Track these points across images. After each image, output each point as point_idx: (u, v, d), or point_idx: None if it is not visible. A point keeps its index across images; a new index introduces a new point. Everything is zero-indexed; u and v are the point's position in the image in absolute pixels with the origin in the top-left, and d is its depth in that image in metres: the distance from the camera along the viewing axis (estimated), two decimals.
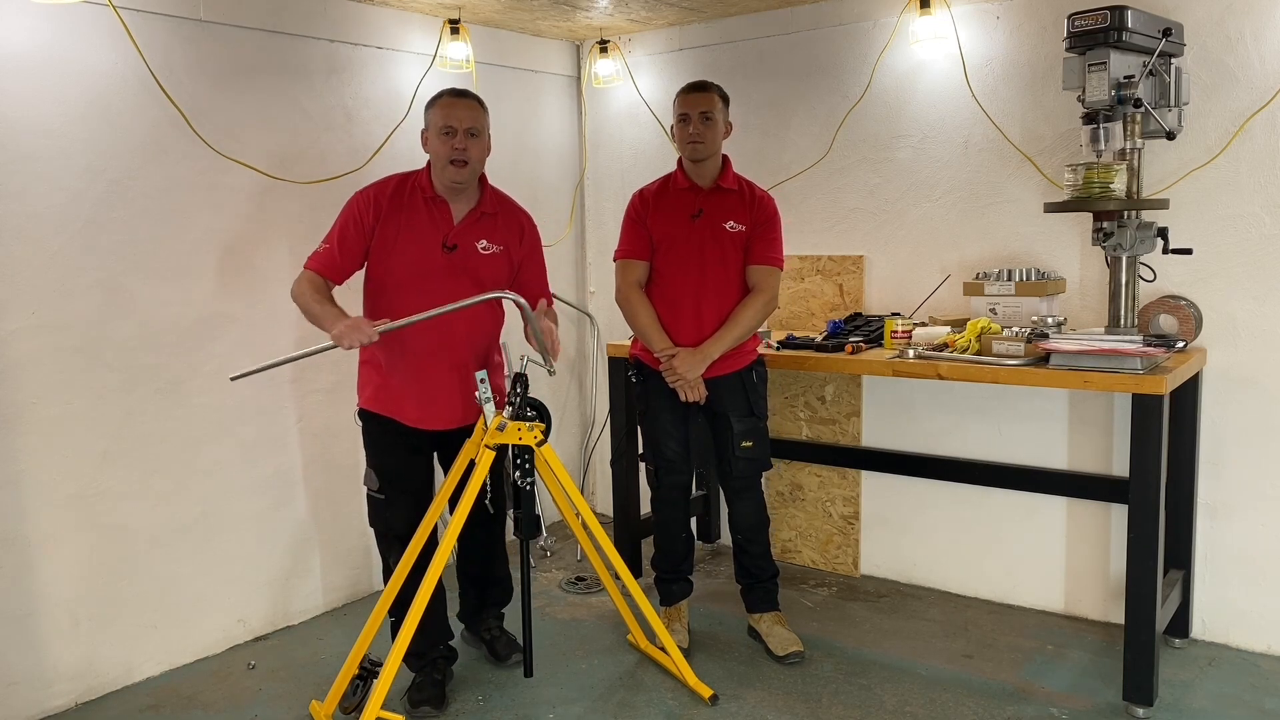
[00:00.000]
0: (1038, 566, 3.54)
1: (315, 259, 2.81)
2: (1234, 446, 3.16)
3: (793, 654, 3.14)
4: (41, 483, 2.87)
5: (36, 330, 2.84)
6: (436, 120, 2.78)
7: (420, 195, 2.83)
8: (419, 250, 2.80)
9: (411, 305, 2.72)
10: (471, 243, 2.84)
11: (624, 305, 3.20)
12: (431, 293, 2.75)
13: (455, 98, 2.82)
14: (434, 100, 2.83)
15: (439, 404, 2.86)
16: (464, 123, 2.76)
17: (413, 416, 2.86)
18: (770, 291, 3.12)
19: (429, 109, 2.83)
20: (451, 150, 2.75)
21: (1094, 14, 2.75)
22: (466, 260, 2.83)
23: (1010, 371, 2.91)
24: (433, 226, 2.82)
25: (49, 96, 2.82)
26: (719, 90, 3.12)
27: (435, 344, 2.81)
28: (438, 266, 2.80)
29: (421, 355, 2.82)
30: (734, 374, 3.13)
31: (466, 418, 2.87)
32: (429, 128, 2.81)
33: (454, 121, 2.75)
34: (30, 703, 2.88)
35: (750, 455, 3.16)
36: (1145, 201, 2.97)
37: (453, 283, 2.80)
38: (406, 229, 2.81)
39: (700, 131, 3.05)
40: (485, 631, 3.20)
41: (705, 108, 3.05)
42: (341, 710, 2.80)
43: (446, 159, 2.76)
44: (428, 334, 2.78)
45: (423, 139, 2.85)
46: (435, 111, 2.80)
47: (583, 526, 2.99)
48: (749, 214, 3.11)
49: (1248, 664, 3.11)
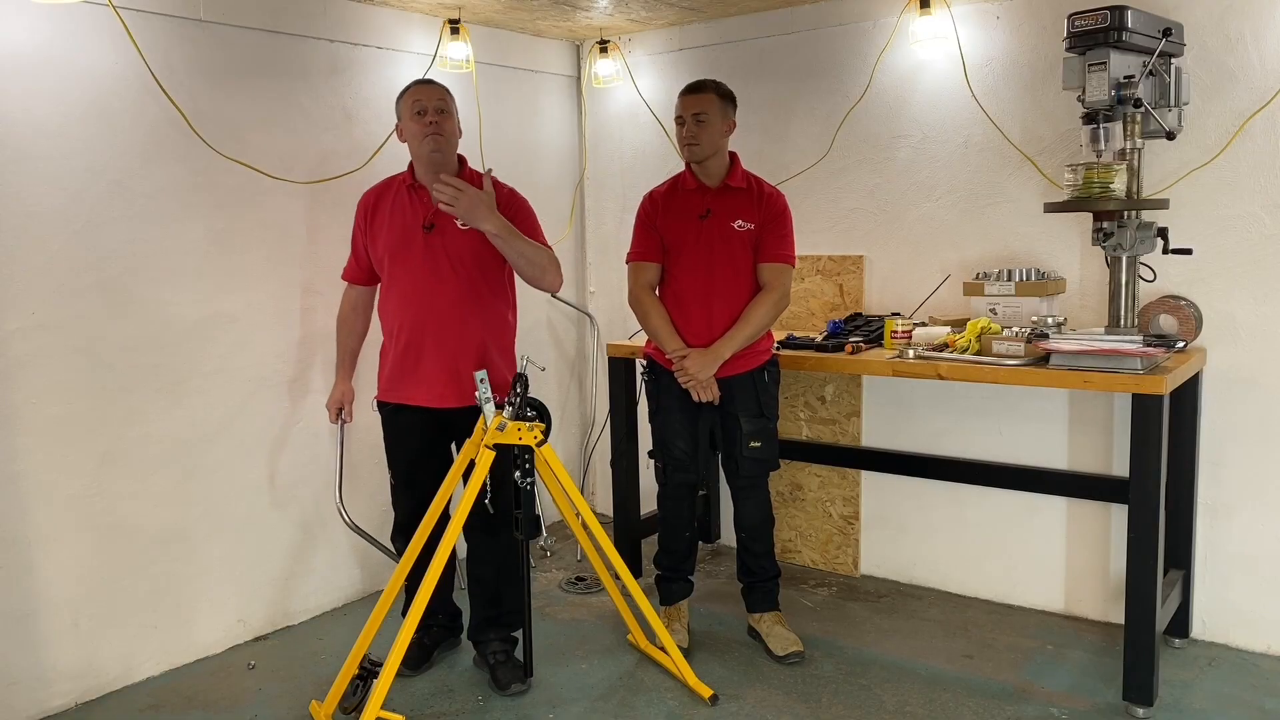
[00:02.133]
0: (1038, 566, 3.54)
1: (346, 270, 3.17)
2: (1234, 446, 3.16)
3: (793, 654, 3.14)
4: (41, 483, 2.87)
5: (36, 330, 2.84)
6: (407, 104, 2.92)
7: (403, 186, 2.99)
8: (400, 232, 2.96)
9: (397, 282, 2.96)
10: (449, 220, 2.92)
11: (636, 307, 3.22)
12: (413, 269, 2.93)
13: (421, 84, 2.98)
14: (402, 92, 2.97)
15: (426, 382, 2.95)
16: (431, 100, 2.90)
17: (405, 394, 2.99)
18: (781, 289, 3.11)
19: (399, 101, 2.97)
20: (425, 125, 2.88)
21: (1094, 14, 2.75)
22: (445, 238, 2.93)
23: (1010, 371, 2.91)
24: (413, 210, 2.96)
25: (49, 96, 2.82)
26: (718, 89, 3.10)
27: (414, 320, 2.94)
28: (418, 245, 2.93)
29: (408, 332, 2.95)
30: (745, 374, 3.13)
31: (461, 399, 2.93)
32: (402, 117, 2.96)
33: (423, 98, 2.90)
34: (30, 703, 2.88)
35: (757, 455, 3.15)
36: (1145, 201, 2.97)
37: (431, 259, 2.93)
38: (390, 216, 2.98)
39: (695, 133, 3.05)
40: (491, 655, 3.08)
41: (698, 109, 3.05)
42: (341, 710, 2.80)
43: (422, 134, 2.88)
44: (406, 313, 2.94)
45: (398, 132, 2.99)
46: (405, 98, 2.94)
47: (583, 526, 2.99)
48: (757, 212, 3.10)
49: (1248, 664, 3.11)
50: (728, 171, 3.14)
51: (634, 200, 4.32)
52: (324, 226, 3.53)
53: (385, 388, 3.04)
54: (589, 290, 4.69)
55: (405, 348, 2.95)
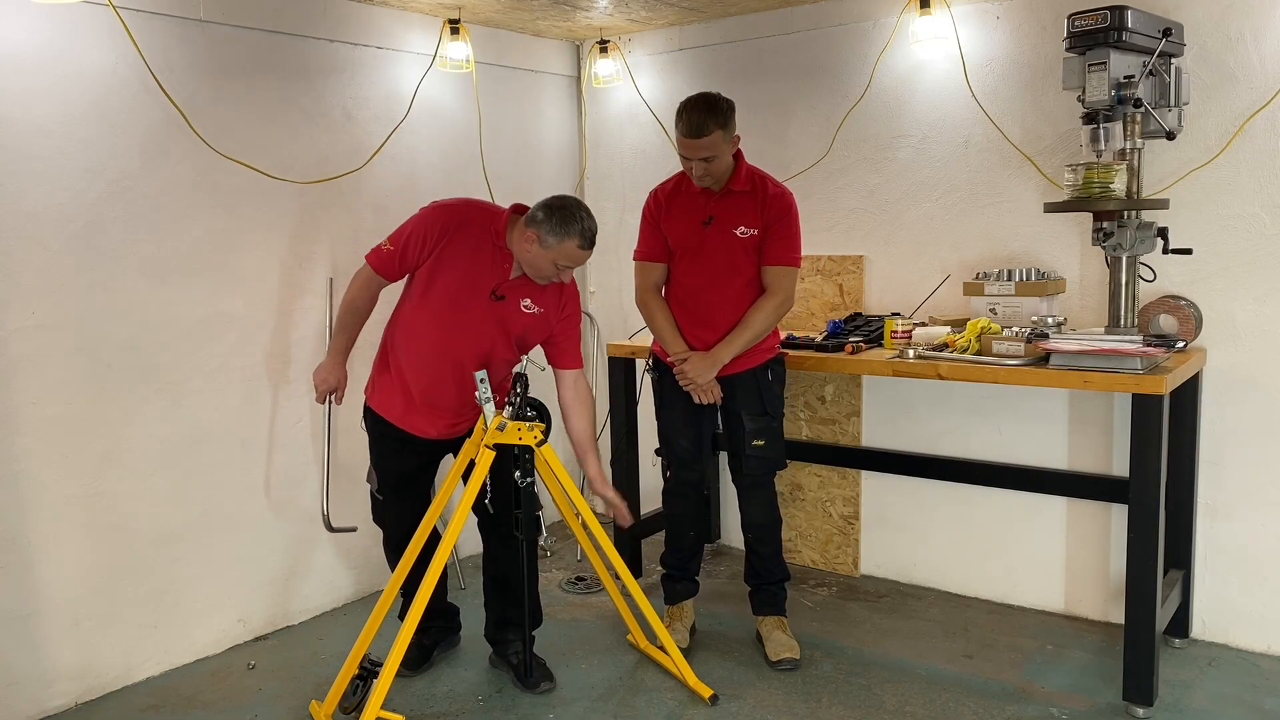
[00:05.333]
0: (1038, 566, 3.54)
1: (378, 255, 2.86)
2: (1234, 446, 3.16)
3: (785, 660, 3.12)
4: (41, 483, 2.87)
5: (36, 330, 2.84)
6: (561, 251, 2.74)
7: (490, 239, 2.83)
8: (468, 287, 2.82)
9: (441, 328, 2.81)
10: (517, 299, 2.86)
11: (641, 308, 3.22)
12: (463, 328, 2.82)
13: (589, 245, 2.77)
14: (567, 227, 2.72)
15: (441, 422, 2.92)
16: (579, 263, 2.82)
17: (416, 428, 2.92)
18: (784, 292, 3.08)
19: (560, 237, 2.72)
20: (555, 275, 2.81)
21: (1094, 14, 2.75)
22: (506, 311, 2.85)
23: (1010, 371, 2.91)
24: (490, 271, 2.83)
25: (49, 96, 2.82)
26: (719, 120, 2.89)
27: (447, 375, 2.85)
28: (479, 308, 2.83)
29: (436, 385, 2.86)
30: (748, 371, 3.12)
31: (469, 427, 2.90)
32: (545, 247, 2.73)
33: (573, 263, 2.79)
34: (30, 703, 2.88)
35: (761, 454, 3.14)
36: (1145, 201, 2.97)
37: (487, 328, 2.84)
38: (466, 262, 2.82)
39: (705, 172, 2.97)
40: (514, 655, 3.06)
41: (705, 154, 2.92)
42: (341, 710, 2.80)
43: (545, 277, 2.82)
44: (441, 364, 2.84)
45: (527, 238, 2.75)
46: (557, 251, 2.74)
47: (583, 526, 2.99)
48: (761, 215, 3.05)
49: (1248, 664, 3.11)
50: (732, 174, 3.07)
51: (634, 200, 4.35)
52: (323, 226, 3.53)
53: (390, 411, 2.92)
54: (589, 290, 4.69)
55: (427, 392, 2.86)
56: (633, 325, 4.14)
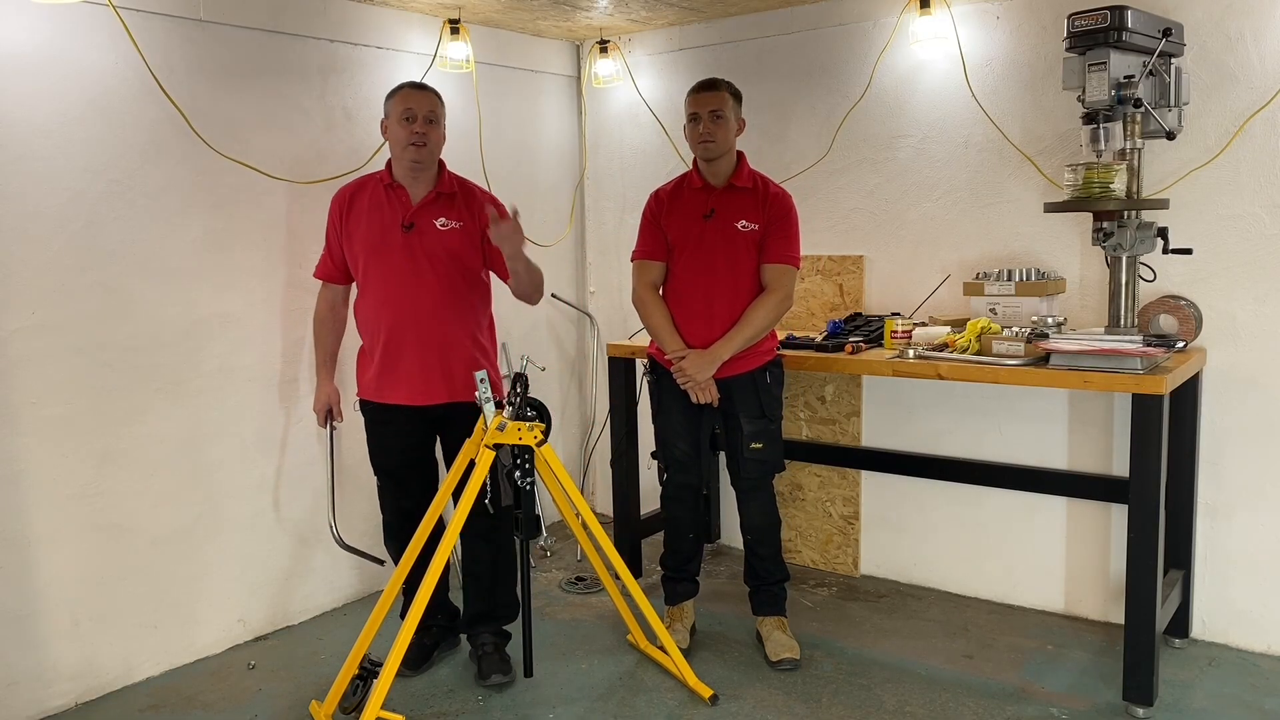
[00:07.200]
0: (1038, 566, 3.54)
1: (319, 268, 3.11)
2: (1234, 446, 3.16)
3: (784, 660, 3.12)
4: (41, 483, 2.87)
5: (36, 330, 2.84)
6: (396, 107, 2.91)
7: (380, 184, 2.98)
8: (378, 231, 2.95)
9: (375, 281, 2.95)
10: (429, 220, 2.95)
11: (638, 306, 3.22)
12: (392, 267, 2.93)
13: (415, 88, 2.96)
14: (394, 91, 2.96)
15: (414, 379, 2.96)
16: (422, 108, 2.90)
17: (392, 394, 2.98)
18: (783, 291, 3.09)
19: (389, 99, 2.95)
20: (410, 134, 2.88)
21: (1094, 14, 2.75)
22: (424, 238, 2.94)
23: (1010, 371, 2.91)
24: (391, 210, 2.96)
25: (49, 96, 2.82)
26: (729, 87, 3.09)
27: (395, 319, 2.94)
28: (396, 244, 2.94)
29: (389, 332, 2.95)
30: (746, 374, 3.12)
31: (453, 394, 2.96)
32: (389, 116, 2.94)
33: (413, 105, 2.89)
34: (30, 703, 2.88)
35: (759, 457, 3.14)
36: (1145, 201, 2.97)
37: (414, 261, 2.93)
38: (367, 214, 2.97)
39: (711, 130, 3.04)
40: (480, 647, 3.13)
41: (715, 106, 3.03)
42: (341, 710, 2.80)
43: (406, 142, 2.89)
44: (387, 312, 2.94)
45: (382, 128, 2.98)
46: (395, 100, 2.93)
47: (583, 526, 2.99)
48: (762, 212, 3.08)
49: (1248, 664, 3.11)
50: (734, 171, 3.12)
51: (634, 200, 4.35)
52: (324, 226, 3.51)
53: (368, 387, 3.03)
54: (589, 290, 4.69)
55: (386, 346, 2.95)
56: (632, 325, 4.13)
